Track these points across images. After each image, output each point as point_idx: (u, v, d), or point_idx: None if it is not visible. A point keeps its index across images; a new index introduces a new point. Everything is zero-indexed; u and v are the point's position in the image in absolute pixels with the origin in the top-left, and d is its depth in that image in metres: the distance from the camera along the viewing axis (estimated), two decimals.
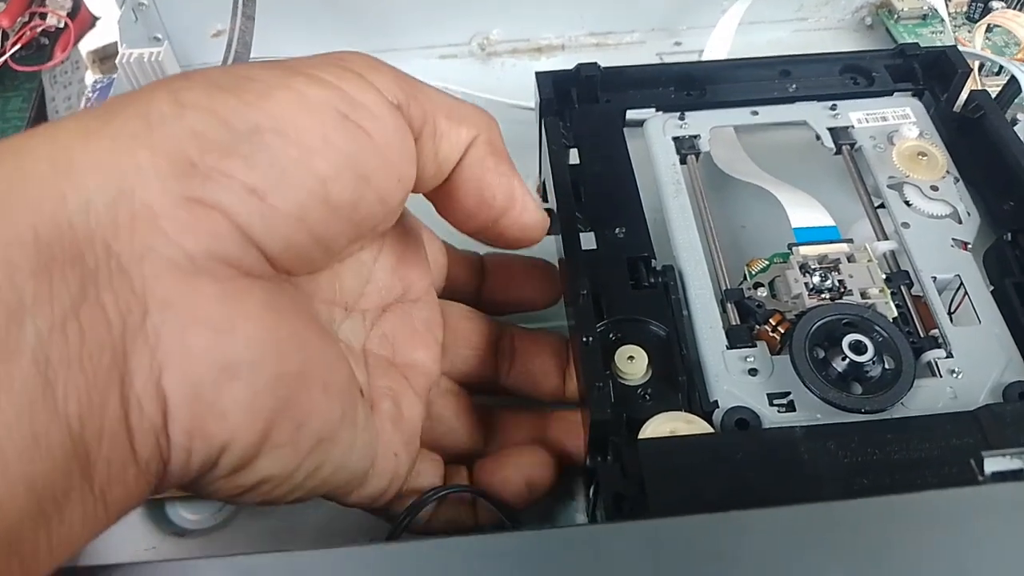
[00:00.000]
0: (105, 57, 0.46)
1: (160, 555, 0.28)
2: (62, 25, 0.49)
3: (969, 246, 0.28)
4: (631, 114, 0.32)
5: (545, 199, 0.34)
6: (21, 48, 0.48)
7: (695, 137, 0.31)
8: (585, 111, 0.32)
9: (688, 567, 0.16)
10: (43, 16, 0.49)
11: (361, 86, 0.20)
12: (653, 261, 0.27)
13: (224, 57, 0.30)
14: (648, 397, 0.24)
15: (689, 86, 0.32)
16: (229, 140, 0.18)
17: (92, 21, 0.46)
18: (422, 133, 0.21)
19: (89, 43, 0.44)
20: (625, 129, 0.32)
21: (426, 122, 0.21)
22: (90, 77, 0.44)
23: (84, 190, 0.16)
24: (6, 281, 0.15)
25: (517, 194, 0.24)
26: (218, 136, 0.18)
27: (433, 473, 0.25)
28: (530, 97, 0.33)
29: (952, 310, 0.27)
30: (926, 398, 0.24)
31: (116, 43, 0.44)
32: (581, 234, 0.27)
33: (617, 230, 0.28)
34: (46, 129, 0.17)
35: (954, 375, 0.25)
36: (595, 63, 0.32)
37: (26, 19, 0.49)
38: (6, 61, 0.47)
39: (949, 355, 0.25)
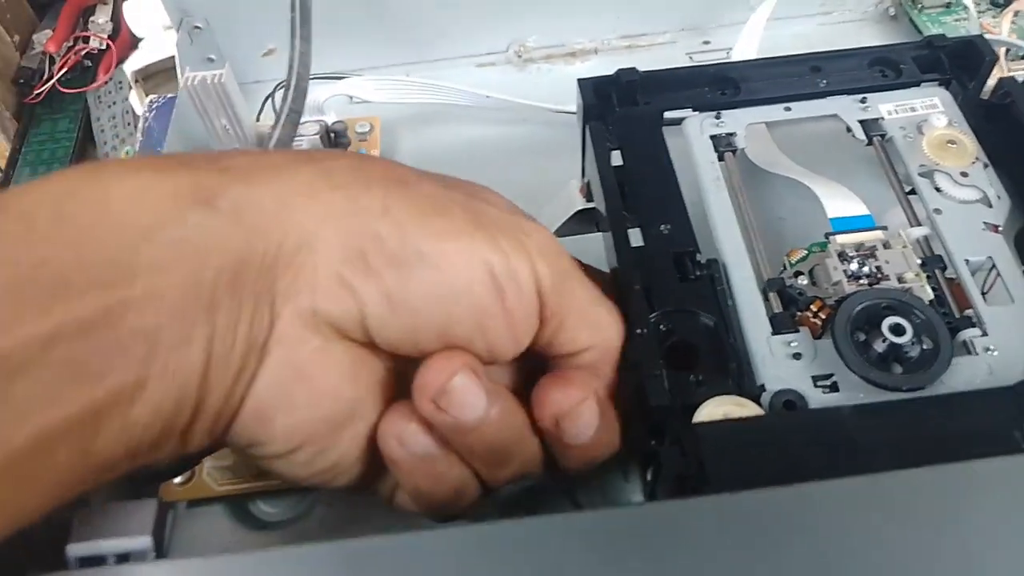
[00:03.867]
0: (148, 76, 0.48)
1: (245, 548, 0.30)
2: (104, 47, 0.51)
3: (1000, 229, 0.29)
4: (668, 113, 0.34)
5: (589, 199, 0.36)
6: (67, 72, 0.50)
7: (731, 135, 0.33)
8: (626, 114, 0.33)
9: (754, 538, 0.18)
10: (86, 40, 0.51)
11: (522, 261, 0.23)
12: (698, 255, 0.29)
13: (287, 81, 0.31)
14: (700, 383, 0.26)
15: (723, 86, 0.34)
16: (400, 255, 0.22)
17: (133, 42, 0.49)
18: (548, 322, 0.24)
19: (133, 64, 0.46)
20: (664, 128, 0.33)
21: (556, 313, 0.24)
22: (133, 97, 0.46)
23: (285, 234, 0.21)
24: (209, 282, 0.20)
25: (586, 408, 0.25)
26: (393, 249, 0.22)
27: None
28: (566, 101, 0.34)
29: (985, 291, 0.28)
30: (964, 375, 0.26)
31: (158, 63, 0.46)
32: (629, 231, 0.29)
33: (662, 227, 0.29)
34: (283, 168, 0.22)
35: (989, 352, 0.26)
36: (634, 68, 0.33)
37: (71, 43, 0.51)
38: (54, 85, 0.50)
39: (984, 334, 0.27)
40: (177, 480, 0.30)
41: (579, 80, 0.33)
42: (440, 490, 0.24)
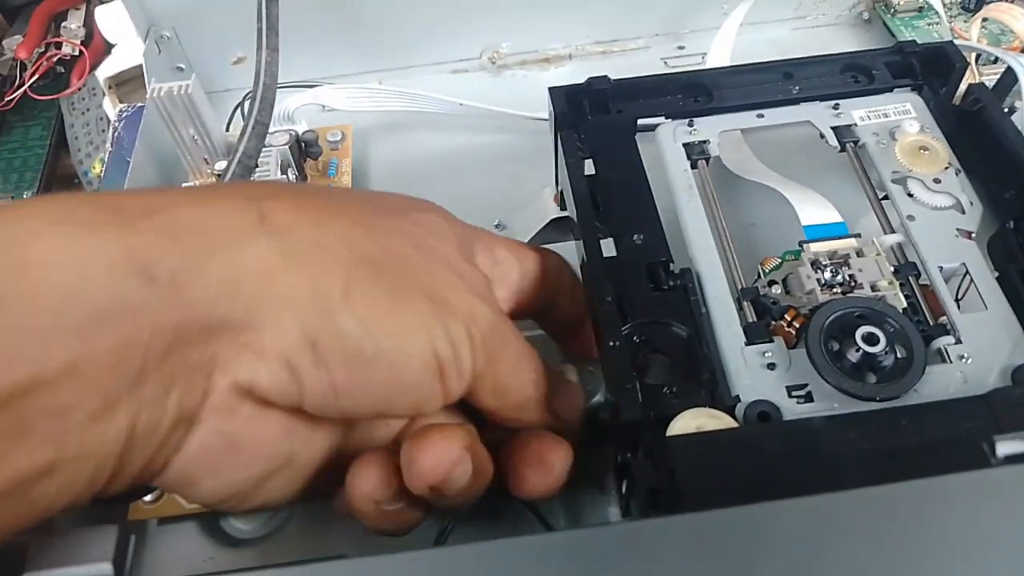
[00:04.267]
0: (121, 83, 0.47)
1: (218, 565, 0.30)
2: (77, 53, 0.50)
3: (973, 235, 0.29)
4: (641, 120, 0.34)
5: (563, 207, 0.36)
6: (39, 78, 0.49)
7: (704, 142, 0.32)
8: (598, 122, 0.33)
9: (727, 557, 0.17)
10: (59, 45, 0.50)
11: (469, 351, 0.23)
12: (671, 265, 0.28)
13: (253, 92, 0.31)
14: (673, 395, 0.26)
15: (696, 93, 0.34)
16: (355, 351, 0.21)
17: (106, 48, 0.48)
18: (473, 385, 0.24)
19: (106, 70, 0.45)
20: (637, 134, 0.33)
21: (477, 386, 0.24)
22: (107, 104, 0.46)
23: (231, 311, 0.20)
24: (136, 357, 0.18)
25: (521, 420, 0.26)
26: (351, 344, 0.21)
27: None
28: (541, 107, 0.34)
29: (959, 297, 0.28)
30: (938, 384, 0.26)
31: (132, 69, 0.45)
32: (601, 241, 0.29)
33: (635, 236, 0.29)
34: (241, 244, 0.20)
35: (963, 360, 0.26)
36: (605, 76, 0.33)
37: (42, 49, 0.51)
38: (25, 91, 0.49)
39: (958, 341, 0.27)
40: (147, 498, 0.30)
41: (550, 88, 0.33)
42: (402, 528, 0.25)
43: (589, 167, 0.32)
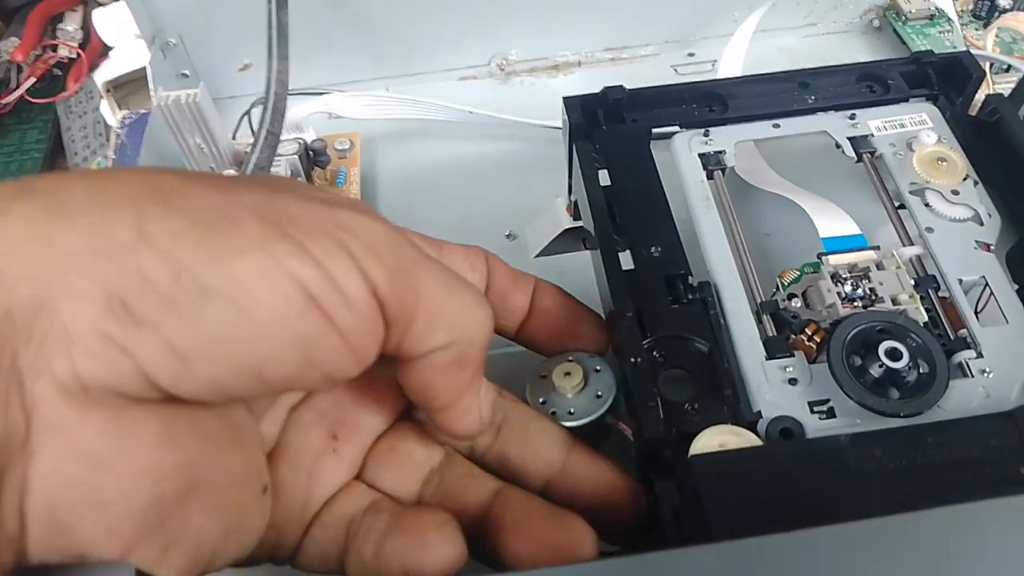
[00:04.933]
0: (118, 86, 0.46)
1: None
2: (74, 56, 0.50)
3: (992, 247, 0.29)
4: (656, 130, 0.33)
5: (576, 217, 0.35)
6: (36, 81, 0.49)
7: (720, 153, 0.32)
8: (612, 132, 0.33)
9: None
10: (55, 48, 0.50)
11: (346, 268, 0.18)
12: (690, 278, 0.28)
13: (264, 101, 0.31)
14: (695, 411, 0.25)
15: (711, 102, 0.33)
16: (175, 295, 0.17)
17: (103, 50, 0.47)
18: (394, 324, 0.20)
19: (103, 74, 0.45)
20: (652, 141, 0.33)
21: (402, 316, 0.19)
22: (105, 107, 0.45)
23: (11, 296, 0.16)
24: None
25: (461, 403, 0.22)
26: (164, 288, 0.16)
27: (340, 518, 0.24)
28: (550, 115, 0.34)
29: (979, 311, 0.28)
30: (960, 399, 0.25)
31: (130, 73, 0.45)
32: (619, 254, 0.28)
33: (653, 249, 0.29)
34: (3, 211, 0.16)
35: (985, 374, 0.26)
36: (621, 86, 0.33)
37: (39, 52, 0.50)
38: (22, 95, 0.48)
39: (979, 355, 0.26)
40: None
41: (565, 98, 0.33)
42: None
43: (604, 177, 0.31)
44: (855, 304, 0.27)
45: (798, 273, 0.30)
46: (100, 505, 0.17)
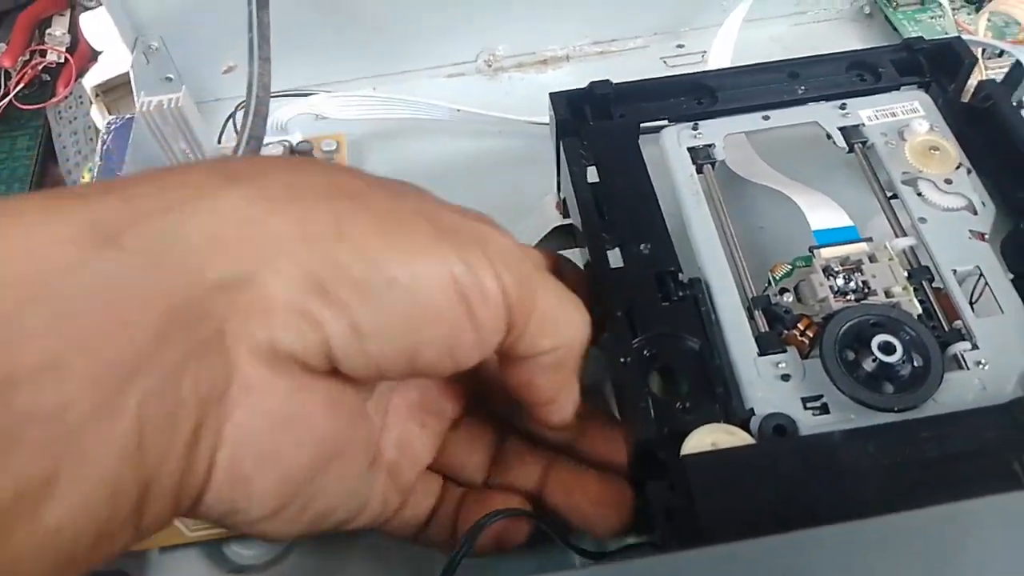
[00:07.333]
0: (108, 90, 0.46)
1: None
2: (62, 60, 0.49)
3: (986, 236, 0.29)
4: (644, 124, 0.33)
5: (566, 215, 0.35)
6: (24, 87, 0.49)
7: (710, 146, 0.32)
8: (600, 127, 0.32)
9: None
10: (43, 53, 0.49)
11: (487, 271, 0.21)
12: (680, 274, 0.28)
13: (246, 105, 0.30)
14: (686, 410, 0.25)
15: (700, 95, 0.33)
16: (365, 282, 0.19)
17: (92, 55, 0.47)
18: (514, 325, 0.22)
19: (92, 78, 0.44)
20: (640, 135, 0.32)
21: (520, 318, 0.22)
22: (95, 112, 0.45)
23: (224, 270, 0.18)
24: (127, 339, 0.17)
25: (559, 399, 0.25)
26: (358, 275, 0.19)
27: (430, 491, 0.27)
28: (539, 110, 0.33)
29: (973, 301, 0.28)
30: (955, 391, 0.25)
31: (119, 77, 0.44)
32: (607, 252, 0.28)
33: (642, 246, 0.28)
34: (213, 197, 0.19)
35: (981, 366, 0.26)
36: (607, 80, 0.32)
37: (27, 58, 0.50)
38: (11, 101, 0.48)
39: (975, 347, 0.26)
40: None
41: (551, 94, 0.32)
42: None
43: (592, 174, 0.31)
44: (848, 298, 0.27)
45: (790, 267, 0.29)
46: (277, 462, 0.20)
